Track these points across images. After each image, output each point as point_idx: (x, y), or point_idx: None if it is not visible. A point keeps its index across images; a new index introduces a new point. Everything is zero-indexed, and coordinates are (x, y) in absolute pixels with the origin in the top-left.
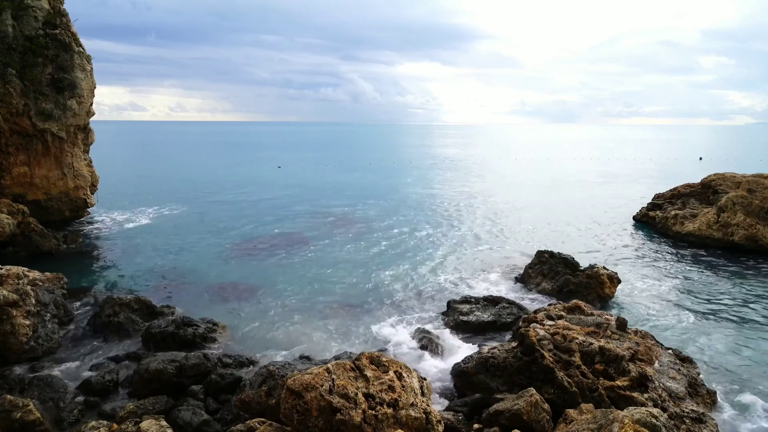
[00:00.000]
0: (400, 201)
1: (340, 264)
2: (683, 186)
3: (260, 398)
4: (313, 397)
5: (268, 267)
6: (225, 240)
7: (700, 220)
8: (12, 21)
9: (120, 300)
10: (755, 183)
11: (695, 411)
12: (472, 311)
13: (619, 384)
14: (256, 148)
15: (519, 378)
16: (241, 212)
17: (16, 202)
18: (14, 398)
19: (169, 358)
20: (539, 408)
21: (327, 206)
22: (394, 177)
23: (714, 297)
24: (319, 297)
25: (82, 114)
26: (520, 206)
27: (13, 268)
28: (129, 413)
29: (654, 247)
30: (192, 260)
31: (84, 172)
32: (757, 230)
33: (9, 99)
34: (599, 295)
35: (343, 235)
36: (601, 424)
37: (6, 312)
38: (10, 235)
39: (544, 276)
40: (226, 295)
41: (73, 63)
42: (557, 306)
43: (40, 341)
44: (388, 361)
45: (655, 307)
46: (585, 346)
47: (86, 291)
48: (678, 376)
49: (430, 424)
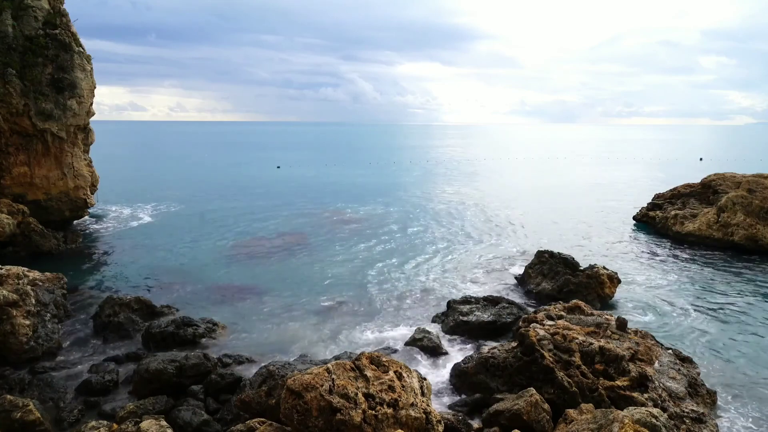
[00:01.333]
0: (400, 201)
1: (340, 264)
2: (683, 186)
3: (260, 398)
4: (313, 397)
5: (267, 267)
6: (225, 240)
7: (700, 220)
8: (12, 21)
9: (120, 300)
10: (755, 183)
11: (695, 411)
12: (472, 311)
13: (619, 384)
14: (256, 148)
15: (519, 378)
16: (240, 212)
17: (16, 202)
18: (14, 398)
19: (169, 358)
20: (539, 408)
21: (327, 206)
22: (394, 177)
23: (714, 297)
24: (319, 297)
25: (82, 114)
26: (519, 206)
27: (13, 268)
28: (129, 413)
29: (654, 247)
30: (192, 260)
31: (84, 172)
32: (757, 230)
33: (9, 99)
34: (599, 295)
35: (342, 235)
36: (601, 424)
37: (6, 312)
38: (10, 235)
39: (544, 276)
40: (226, 295)
41: (73, 63)
42: (557, 306)
43: (40, 341)
44: (388, 361)
45: (655, 307)
46: (585, 346)
47: (86, 291)
48: (678, 376)
49: (430, 424)
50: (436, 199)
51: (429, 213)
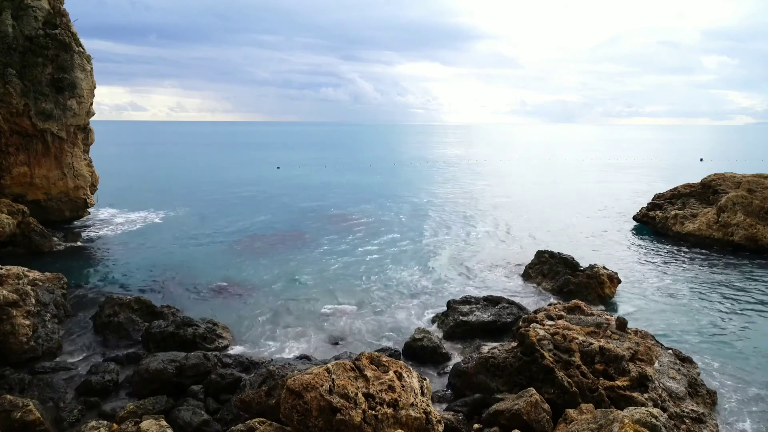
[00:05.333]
0: (400, 201)
1: (340, 264)
2: (683, 186)
3: (260, 398)
4: (313, 397)
5: (267, 267)
6: (225, 240)
7: (700, 220)
8: (12, 21)
9: (120, 300)
10: (755, 183)
11: (695, 411)
12: (472, 311)
13: (619, 384)
14: (256, 148)
15: (519, 378)
16: (240, 212)
17: (16, 202)
18: (14, 398)
19: (169, 358)
20: (539, 408)
21: (327, 206)
22: (394, 177)
23: (714, 297)
24: (319, 297)
25: (82, 114)
26: (520, 206)
27: (13, 268)
28: (129, 413)
29: (654, 247)
30: (192, 260)
31: (84, 172)
32: (757, 230)
33: (9, 99)
34: (599, 295)
35: (343, 235)
36: (601, 424)
37: (6, 312)
38: (10, 235)
39: (544, 276)
40: (226, 295)
41: (73, 63)
42: (557, 306)
43: (40, 341)
44: (388, 361)
45: (655, 307)
46: (585, 346)
47: (86, 291)
48: (678, 376)
49: (430, 424)
50: (436, 199)
51: (429, 213)
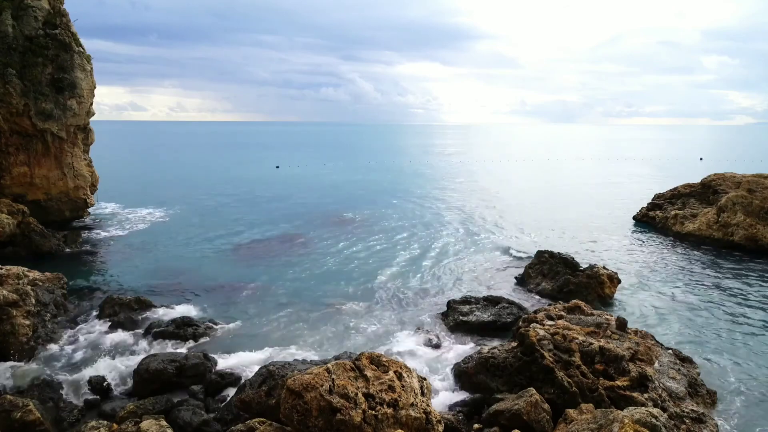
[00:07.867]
0: (400, 201)
1: (340, 264)
2: (683, 186)
3: (260, 398)
4: (313, 397)
5: (267, 267)
6: (224, 240)
7: (700, 220)
8: (12, 21)
9: (120, 300)
10: (755, 183)
11: (695, 411)
12: (472, 311)
13: (619, 384)
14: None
15: (519, 378)
16: (240, 213)
17: (16, 202)
18: (14, 398)
19: (169, 358)
20: (539, 408)
21: (326, 206)
22: (394, 177)
23: (714, 297)
24: (319, 297)
25: (82, 114)
26: (519, 206)
27: (13, 268)
28: (129, 413)
29: (654, 247)
30: (192, 260)
31: (84, 172)
32: (757, 230)
33: (9, 99)
34: (599, 295)
35: (342, 235)
36: (601, 424)
37: (6, 312)
38: (10, 235)
39: (544, 276)
40: (226, 295)
41: (73, 63)
42: (557, 306)
43: (40, 341)
44: (388, 361)
45: (655, 307)
46: (585, 346)
47: (86, 291)
48: (678, 376)
49: (430, 424)
50: (436, 199)
51: (429, 213)
